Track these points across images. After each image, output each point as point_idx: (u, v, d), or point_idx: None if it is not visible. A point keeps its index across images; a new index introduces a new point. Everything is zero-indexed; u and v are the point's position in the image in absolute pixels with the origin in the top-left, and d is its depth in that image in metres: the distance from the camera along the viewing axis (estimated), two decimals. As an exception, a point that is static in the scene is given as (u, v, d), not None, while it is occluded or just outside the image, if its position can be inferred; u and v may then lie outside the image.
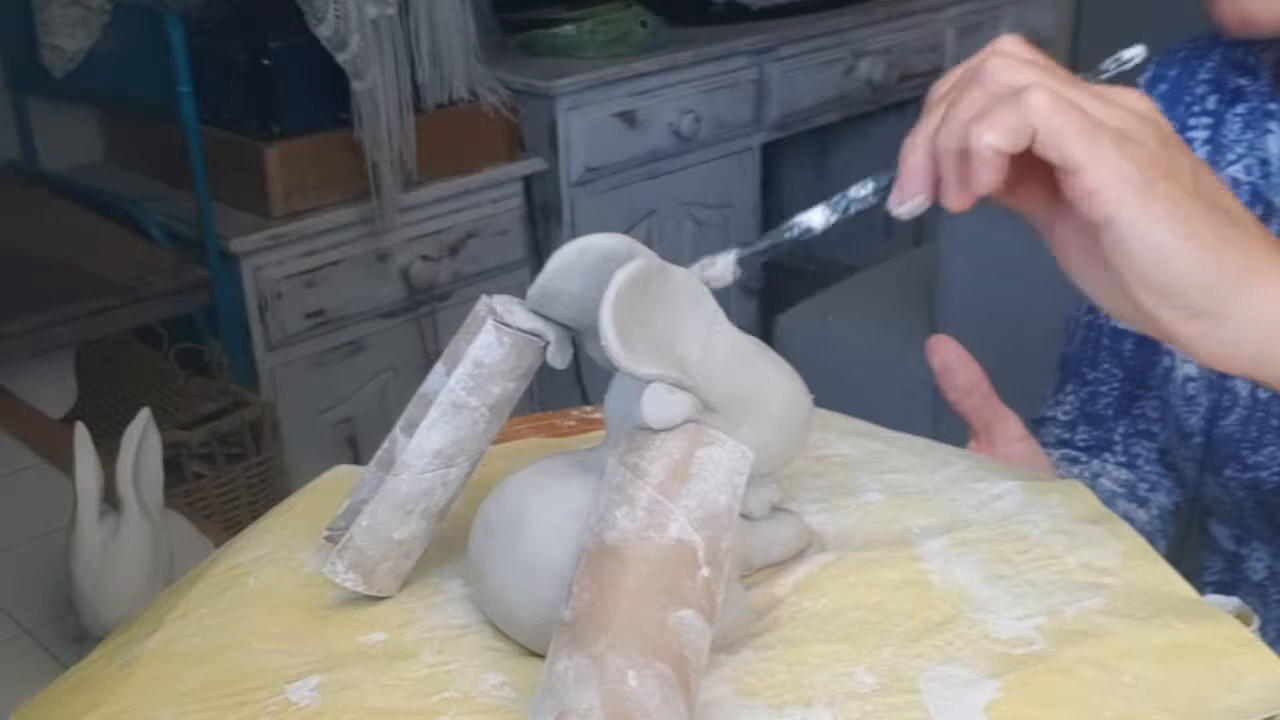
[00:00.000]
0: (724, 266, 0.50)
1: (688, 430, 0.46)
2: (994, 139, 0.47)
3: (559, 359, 0.50)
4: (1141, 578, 0.52)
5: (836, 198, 0.53)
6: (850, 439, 0.62)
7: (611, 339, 0.44)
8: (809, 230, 0.53)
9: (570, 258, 0.48)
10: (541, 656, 0.45)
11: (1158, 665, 0.46)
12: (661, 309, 0.46)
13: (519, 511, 0.48)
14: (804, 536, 0.53)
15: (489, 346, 0.49)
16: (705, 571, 0.44)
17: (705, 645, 0.43)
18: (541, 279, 0.48)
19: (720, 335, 0.48)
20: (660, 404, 0.45)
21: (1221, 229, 0.48)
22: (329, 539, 0.51)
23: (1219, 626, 0.48)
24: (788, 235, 0.53)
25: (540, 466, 0.50)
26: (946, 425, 0.71)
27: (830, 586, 0.51)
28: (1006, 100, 0.47)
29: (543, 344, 0.49)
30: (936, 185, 0.51)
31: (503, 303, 0.50)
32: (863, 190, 0.54)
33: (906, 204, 0.52)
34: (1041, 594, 0.50)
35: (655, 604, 0.42)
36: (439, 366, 0.51)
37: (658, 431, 0.45)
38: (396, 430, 0.51)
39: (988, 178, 0.48)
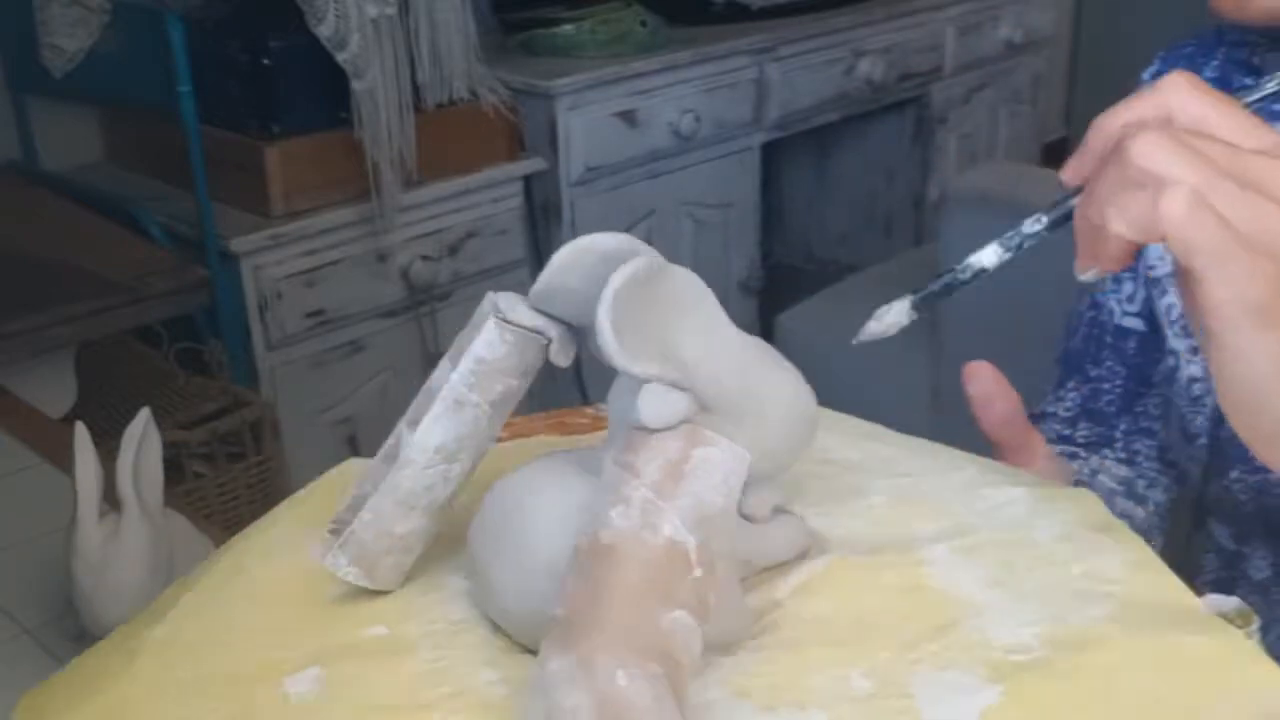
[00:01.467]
0: (899, 312, 0.50)
1: (684, 431, 0.46)
2: (1121, 228, 0.47)
3: (562, 357, 0.50)
4: (1146, 588, 0.51)
5: (1009, 234, 0.53)
6: (858, 442, 0.62)
7: (609, 338, 0.44)
8: (983, 270, 0.53)
9: (571, 256, 0.48)
10: (536, 653, 0.45)
11: (1155, 676, 0.46)
12: (661, 308, 0.46)
13: (516, 509, 0.48)
14: (805, 539, 0.52)
15: (491, 344, 0.49)
16: (698, 572, 0.44)
17: (697, 646, 0.43)
18: (543, 277, 0.48)
19: (722, 335, 0.48)
20: (657, 404, 0.45)
21: None
22: (333, 532, 0.51)
23: (1220, 638, 0.48)
24: (961, 277, 0.53)
25: (539, 465, 0.50)
26: (946, 425, 0.71)
27: (830, 590, 0.51)
28: (1144, 193, 0.46)
29: (545, 342, 0.49)
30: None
31: (507, 300, 0.50)
32: (1035, 225, 0.53)
33: (1088, 273, 0.51)
34: (1044, 602, 0.50)
35: (647, 604, 0.42)
36: (445, 362, 0.51)
37: (654, 431, 0.45)
38: (402, 425, 0.51)
39: (1118, 258, 0.48)
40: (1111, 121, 0.50)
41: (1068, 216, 0.51)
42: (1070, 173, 0.50)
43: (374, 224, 2.02)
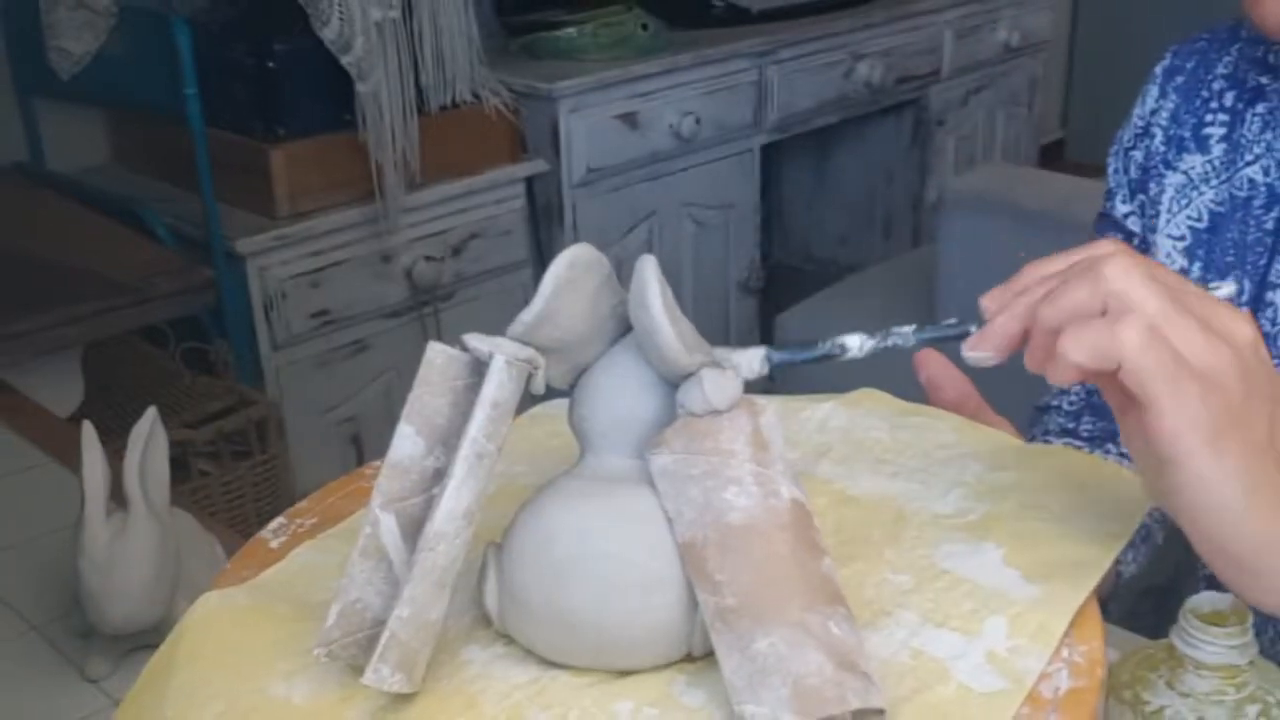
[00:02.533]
0: (752, 358, 0.51)
1: (743, 405, 0.48)
2: (1078, 356, 0.47)
3: (542, 384, 0.49)
4: (980, 441, 0.61)
5: (882, 331, 0.54)
6: None
7: (670, 338, 0.46)
8: (844, 350, 0.54)
9: (564, 272, 0.48)
10: (636, 673, 0.47)
11: (1063, 494, 0.56)
12: (669, 300, 0.48)
13: (588, 538, 0.47)
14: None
15: (502, 385, 0.47)
16: (816, 520, 0.47)
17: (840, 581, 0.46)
18: (540, 302, 0.48)
19: (682, 314, 0.49)
20: (723, 386, 0.47)
21: None
22: (329, 656, 0.46)
23: (1063, 457, 0.60)
24: (820, 351, 0.54)
25: (566, 492, 0.49)
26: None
27: None
28: (1103, 320, 0.47)
29: (534, 370, 0.49)
30: (1015, 348, 0.51)
31: (485, 341, 0.48)
32: (907, 334, 0.54)
33: (979, 354, 0.51)
34: (934, 475, 0.58)
35: (810, 559, 0.45)
36: (404, 429, 0.48)
37: (721, 413, 0.47)
38: (375, 511, 0.47)
39: (1065, 378, 0.49)
40: (1046, 269, 0.52)
41: (942, 339, 0.53)
42: (992, 301, 0.52)
43: (378, 225, 2.02)
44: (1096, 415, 0.94)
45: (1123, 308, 0.47)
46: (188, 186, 1.94)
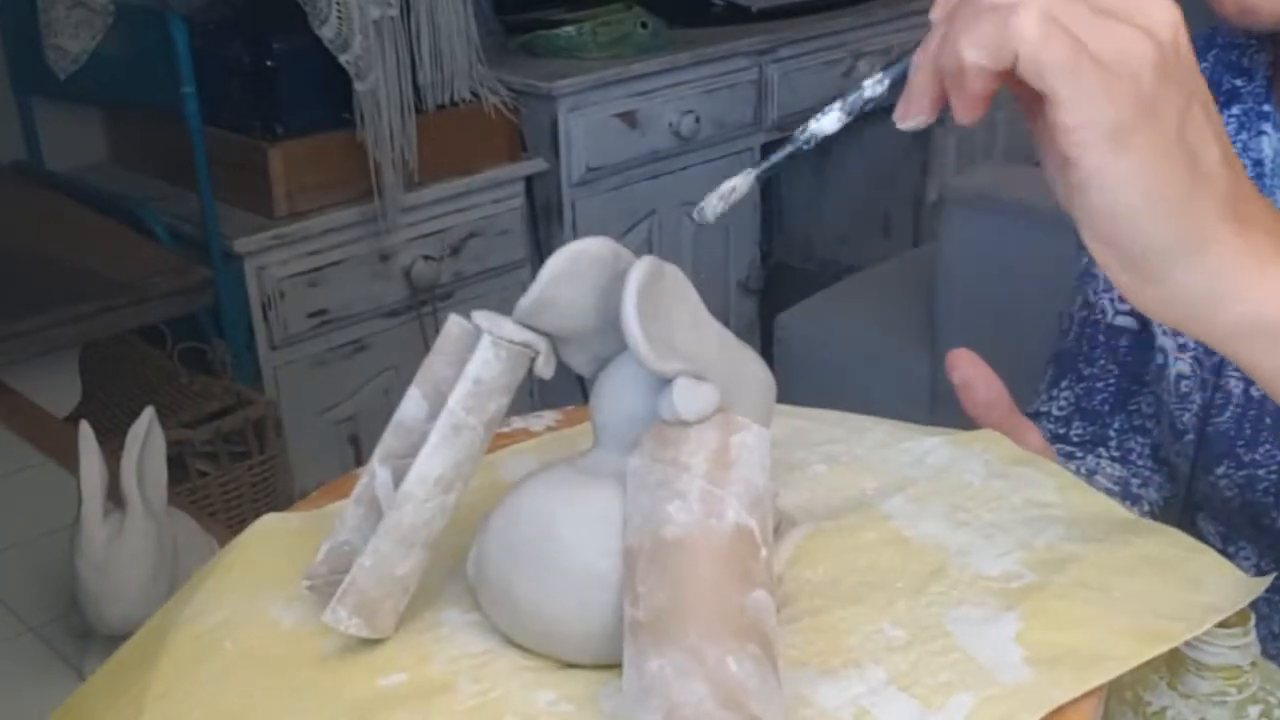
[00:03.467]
0: (742, 183, 0.51)
1: (718, 420, 0.47)
2: (975, 56, 0.45)
3: (547, 369, 0.50)
4: (1081, 506, 0.56)
5: (852, 96, 0.51)
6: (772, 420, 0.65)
7: (638, 339, 0.45)
8: (822, 134, 0.52)
9: (563, 265, 0.48)
10: (581, 668, 0.46)
11: (1134, 579, 0.50)
12: (665, 305, 0.47)
13: (549, 525, 0.47)
14: (775, 515, 0.54)
15: (487, 363, 0.48)
16: (764, 552, 0.45)
17: (775, 621, 0.44)
18: (536, 289, 0.48)
19: (707, 327, 0.49)
20: (693, 398, 0.46)
21: (1188, 190, 0.46)
22: (311, 589, 0.49)
23: (1168, 538, 0.53)
24: (803, 145, 0.52)
25: (550, 479, 0.49)
26: (946, 425, 0.72)
27: (820, 556, 0.53)
28: (996, 17, 0.45)
29: (533, 355, 0.49)
30: (940, 102, 0.48)
31: (489, 318, 0.49)
32: (878, 87, 0.51)
33: (909, 120, 0.49)
34: (1006, 532, 0.53)
35: (732, 589, 0.44)
36: (413, 392, 0.50)
37: (690, 425, 0.46)
38: (374, 464, 0.49)
39: (976, 89, 0.46)
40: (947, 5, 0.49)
41: (905, 73, 0.50)
42: (937, 9, 0.49)
43: (376, 224, 2.02)
44: (1086, 420, 0.95)
45: (1012, 6, 0.44)
46: (185, 185, 1.94)
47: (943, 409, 1.88)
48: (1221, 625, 0.52)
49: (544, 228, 2.30)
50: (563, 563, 0.46)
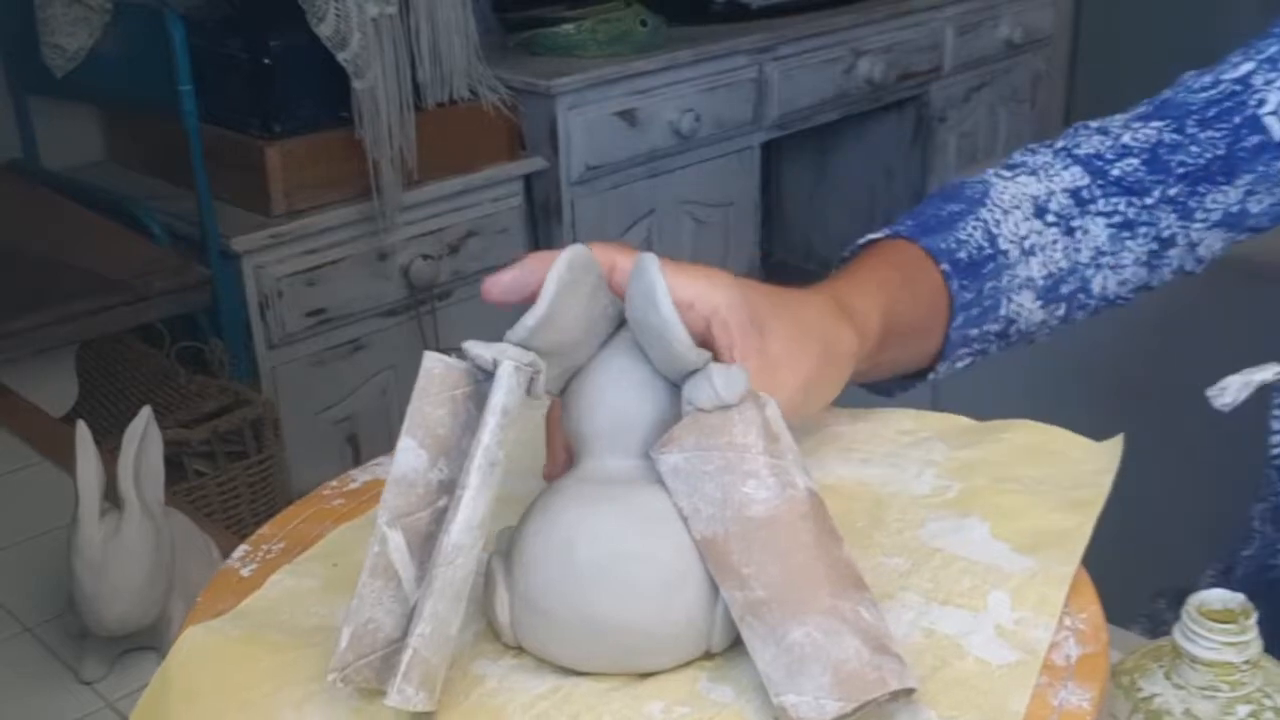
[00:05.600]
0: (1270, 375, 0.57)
1: (749, 398, 0.48)
2: None
3: (542, 389, 0.49)
4: (939, 422, 0.63)
5: None
6: None
7: (682, 335, 0.46)
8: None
9: (564, 275, 0.48)
10: (655, 675, 0.46)
11: (1031, 466, 0.57)
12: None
13: (616, 541, 0.46)
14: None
15: (512, 391, 0.46)
16: (830, 507, 0.47)
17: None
18: (543, 307, 0.47)
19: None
20: (733, 381, 0.47)
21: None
22: (345, 681, 0.45)
23: (1027, 427, 0.61)
24: None
25: (579, 498, 0.48)
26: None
27: None
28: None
29: (536, 374, 0.48)
30: None
31: (487, 347, 0.47)
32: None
33: None
34: (902, 458, 0.59)
35: (832, 548, 0.46)
36: (406, 443, 0.47)
37: (730, 408, 0.47)
38: (382, 528, 0.46)
39: None
40: None
41: None
42: None
43: (375, 223, 2.02)
44: (1151, 169, 0.81)
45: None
46: (183, 184, 1.93)
47: (943, 409, 1.87)
48: (1219, 620, 0.53)
49: (543, 226, 2.29)
50: (638, 572, 0.46)
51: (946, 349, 0.74)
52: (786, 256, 3.13)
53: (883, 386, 0.75)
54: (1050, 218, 0.77)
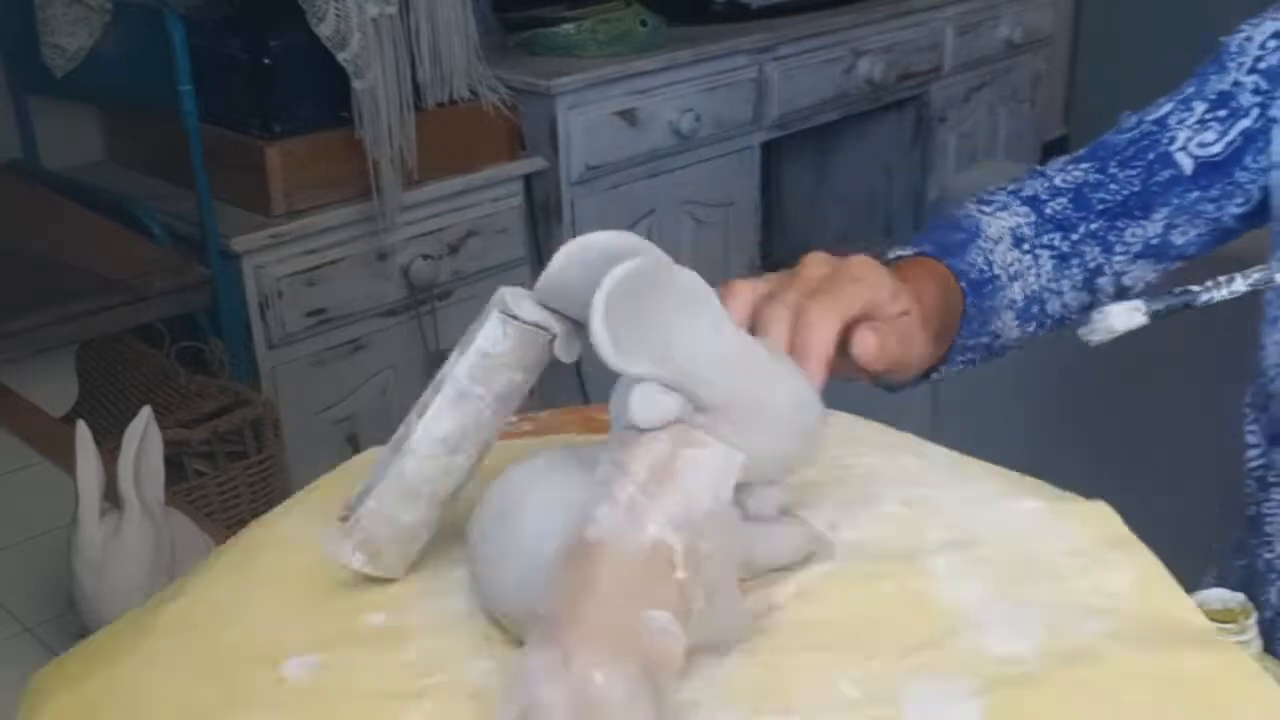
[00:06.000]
0: (1128, 310, 0.55)
1: (674, 431, 0.46)
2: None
3: (565, 353, 0.50)
4: (1151, 604, 0.49)
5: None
6: (881, 451, 0.61)
7: (602, 336, 0.44)
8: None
9: (573, 253, 0.48)
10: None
11: (1153, 693, 0.44)
12: (660, 308, 0.46)
13: (516, 502, 0.48)
14: (810, 544, 0.52)
15: (494, 338, 0.50)
16: (681, 574, 0.43)
17: (678, 648, 0.43)
18: (547, 273, 0.49)
19: (726, 337, 0.48)
20: (647, 403, 0.45)
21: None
22: (344, 519, 0.52)
23: (1222, 656, 0.46)
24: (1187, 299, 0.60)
25: (539, 461, 0.50)
26: (946, 425, 0.72)
27: (830, 596, 0.51)
28: None
29: (549, 337, 0.50)
30: None
31: (513, 294, 0.50)
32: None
33: None
34: (1044, 615, 0.48)
35: (628, 603, 0.42)
36: (454, 354, 0.52)
37: (644, 431, 0.45)
38: (413, 414, 0.52)
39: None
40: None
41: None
42: None
43: (375, 223, 2.02)
44: (1075, 206, 0.91)
45: None
46: (183, 184, 1.93)
47: (944, 409, 1.88)
48: (1219, 620, 0.51)
49: (543, 226, 2.29)
50: (519, 542, 0.48)
51: (950, 354, 0.83)
52: (786, 256, 3.13)
53: (892, 381, 0.80)
54: (1026, 247, 0.88)
